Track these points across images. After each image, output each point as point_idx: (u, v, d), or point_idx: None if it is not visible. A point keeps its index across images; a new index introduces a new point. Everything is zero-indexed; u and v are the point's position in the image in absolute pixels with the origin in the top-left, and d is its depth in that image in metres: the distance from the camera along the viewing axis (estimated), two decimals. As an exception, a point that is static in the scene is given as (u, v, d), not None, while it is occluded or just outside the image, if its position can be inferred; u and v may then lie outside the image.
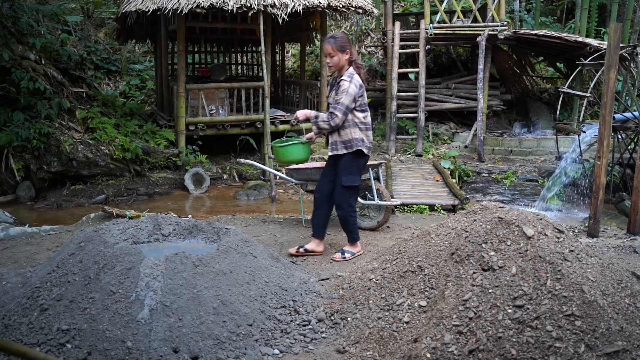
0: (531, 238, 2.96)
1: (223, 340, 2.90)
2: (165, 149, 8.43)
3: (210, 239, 3.82)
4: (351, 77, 4.18)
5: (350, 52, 4.21)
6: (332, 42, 4.16)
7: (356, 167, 4.32)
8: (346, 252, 4.46)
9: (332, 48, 4.15)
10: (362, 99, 4.24)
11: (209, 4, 7.53)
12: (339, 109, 4.14)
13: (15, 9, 7.98)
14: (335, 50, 4.16)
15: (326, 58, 4.27)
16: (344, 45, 4.16)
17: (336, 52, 4.16)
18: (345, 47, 4.17)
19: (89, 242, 3.32)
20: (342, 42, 4.17)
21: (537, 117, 10.75)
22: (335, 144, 4.28)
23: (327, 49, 4.18)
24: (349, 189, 4.33)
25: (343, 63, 4.21)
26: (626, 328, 2.55)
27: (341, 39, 4.19)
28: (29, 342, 2.80)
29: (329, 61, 4.22)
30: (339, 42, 4.16)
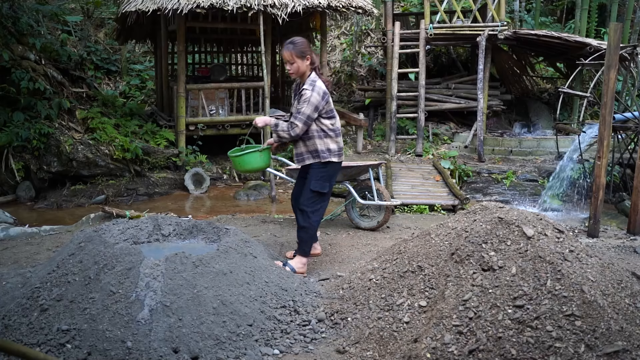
0: (531, 238, 2.96)
1: (223, 341, 2.90)
2: (165, 149, 8.43)
3: (210, 239, 3.82)
4: (313, 85, 3.94)
5: (311, 57, 3.97)
6: (291, 48, 3.91)
7: (326, 174, 4.08)
8: (288, 265, 4.07)
9: (291, 54, 3.91)
10: (328, 105, 4.02)
11: (209, 4, 7.53)
12: (299, 118, 3.92)
13: (15, 9, 7.98)
14: (294, 57, 3.92)
15: (285, 65, 4.03)
16: (303, 51, 3.92)
17: (295, 59, 3.93)
18: (305, 53, 3.93)
19: (89, 242, 3.33)
20: (302, 48, 3.92)
21: (537, 117, 10.75)
22: (302, 155, 4.08)
23: (285, 56, 3.94)
24: (317, 195, 4.08)
25: (304, 69, 3.98)
26: (626, 328, 2.55)
27: (300, 45, 3.94)
28: (29, 342, 2.80)
29: (289, 68, 3.98)
30: (298, 47, 3.92)
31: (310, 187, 4.06)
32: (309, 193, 4.08)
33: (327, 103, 4.00)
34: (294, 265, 4.08)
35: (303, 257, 4.16)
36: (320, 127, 4.02)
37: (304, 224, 4.13)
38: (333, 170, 4.14)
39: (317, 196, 4.10)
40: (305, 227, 4.13)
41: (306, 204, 4.10)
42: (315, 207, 4.11)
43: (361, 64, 12.64)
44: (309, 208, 4.09)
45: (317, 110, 3.94)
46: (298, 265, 4.10)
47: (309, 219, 4.10)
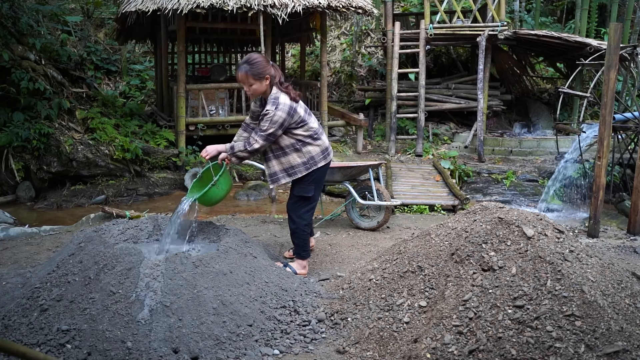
0: (531, 238, 2.96)
1: (223, 341, 2.90)
2: (165, 149, 8.43)
3: (210, 239, 3.82)
4: (276, 104, 3.65)
5: (269, 76, 3.67)
6: (247, 69, 3.62)
7: (309, 180, 3.90)
8: (289, 267, 4.05)
9: (246, 76, 3.64)
10: (296, 116, 3.75)
11: (209, 4, 7.53)
12: (260, 135, 3.67)
13: (15, 9, 7.98)
14: (250, 79, 3.65)
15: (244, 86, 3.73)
16: (260, 72, 3.63)
17: (252, 81, 3.66)
18: (263, 74, 3.63)
19: (89, 242, 3.33)
20: (259, 69, 3.63)
21: (537, 117, 10.75)
22: (276, 174, 3.88)
23: (240, 78, 3.66)
24: (301, 199, 3.94)
25: (263, 89, 3.71)
26: (626, 328, 2.55)
27: (257, 65, 3.63)
28: (29, 343, 2.80)
29: (247, 90, 3.72)
30: (254, 69, 3.62)
31: (293, 192, 3.96)
32: (293, 197, 3.98)
33: (292, 117, 3.72)
34: (295, 268, 4.06)
35: (302, 260, 4.11)
36: (295, 140, 3.79)
37: (292, 228, 4.04)
38: (319, 174, 3.96)
39: (301, 200, 3.97)
40: (295, 231, 4.03)
41: (291, 208, 4.00)
42: (300, 212, 3.99)
43: (361, 64, 12.64)
44: (294, 212, 3.99)
45: (282, 127, 3.69)
46: (299, 268, 4.08)
47: (295, 223, 4.00)
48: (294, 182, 3.93)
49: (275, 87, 3.72)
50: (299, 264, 4.10)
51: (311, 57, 12.95)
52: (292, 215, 4.00)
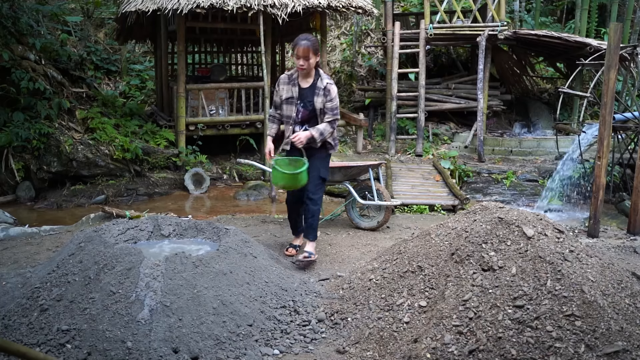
0: (531, 238, 2.96)
1: (223, 341, 2.90)
2: (165, 149, 8.43)
3: (210, 239, 3.82)
4: (331, 80, 4.25)
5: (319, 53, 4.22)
6: (309, 44, 4.07)
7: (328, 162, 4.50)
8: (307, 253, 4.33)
9: (309, 50, 4.07)
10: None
11: (209, 4, 7.52)
12: (335, 113, 4.21)
13: (15, 9, 7.98)
14: (311, 53, 4.09)
15: (298, 60, 4.11)
16: (317, 48, 4.15)
17: (311, 55, 4.09)
18: (318, 50, 4.17)
19: (89, 242, 3.33)
20: (316, 45, 4.14)
21: (537, 117, 10.75)
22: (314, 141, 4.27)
23: (301, 51, 4.07)
24: (323, 181, 4.38)
25: (314, 66, 4.19)
26: (626, 328, 2.55)
27: (314, 41, 4.16)
28: (29, 342, 2.80)
29: (303, 64, 4.10)
30: (314, 44, 4.12)
31: (320, 175, 4.30)
32: (317, 180, 4.30)
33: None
34: (312, 250, 4.33)
35: (314, 241, 4.40)
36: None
37: (315, 210, 4.33)
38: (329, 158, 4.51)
39: (322, 182, 4.39)
40: (316, 213, 4.34)
41: (314, 191, 4.31)
42: (320, 194, 4.41)
43: (361, 64, 12.64)
44: (316, 195, 4.34)
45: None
46: (313, 250, 4.36)
47: (317, 204, 4.34)
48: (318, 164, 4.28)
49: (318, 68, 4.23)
50: (312, 246, 4.37)
51: (311, 57, 12.92)
52: (315, 198, 4.32)
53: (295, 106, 4.24)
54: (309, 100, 4.21)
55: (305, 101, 4.22)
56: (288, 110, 4.27)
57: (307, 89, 4.22)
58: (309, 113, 4.23)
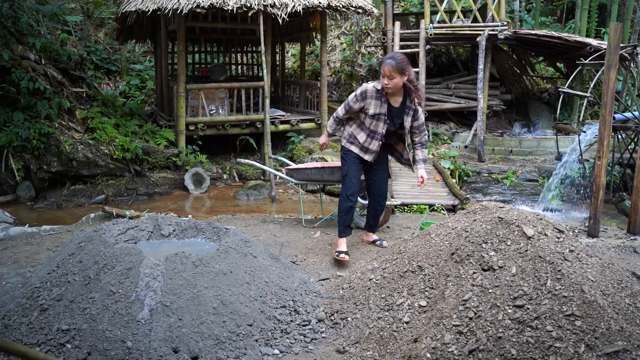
0: (531, 238, 2.96)
1: (223, 340, 2.90)
2: (165, 149, 8.43)
3: (210, 239, 3.82)
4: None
5: (409, 74, 4.16)
6: (393, 64, 4.08)
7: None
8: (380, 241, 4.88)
9: (392, 70, 4.08)
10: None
11: (209, 4, 7.53)
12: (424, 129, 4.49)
13: (15, 9, 7.98)
14: (395, 73, 4.09)
15: (383, 79, 4.14)
16: (404, 68, 4.10)
17: (395, 75, 4.10)
18: (405, 70, 4.11)
19: (89, 242, 3.33)
20: (403, 65, 4.10)
21: (537, 117, 10.75)
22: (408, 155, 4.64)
23: (386, 71, 4.11)
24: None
25: (401, 85, 4.18)
26: (626, 328, 2.55)
27: (401, 61, 4.11)
28: (29, 342, 2.80)
29: (387, 83, 4.12)
30: (399, 64, 4.09)
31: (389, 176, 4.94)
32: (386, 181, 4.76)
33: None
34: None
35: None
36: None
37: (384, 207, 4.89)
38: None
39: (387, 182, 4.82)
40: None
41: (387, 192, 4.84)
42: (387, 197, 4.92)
43: (361, 64, 12.64)
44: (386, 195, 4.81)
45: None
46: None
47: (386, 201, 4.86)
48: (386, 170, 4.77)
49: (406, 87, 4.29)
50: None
51: (311, 56, 12.95)
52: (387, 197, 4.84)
53: (384, 123, 4.29)
54: (398, 120, 4.32)
55: (393, 120, 4.31)
56: (375, 125, 4.31)
57: (397, 109, 4.30)
58: (394, 130, 4.40)
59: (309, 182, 5.56)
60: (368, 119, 4.29)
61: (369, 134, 4.34)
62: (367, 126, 4.33)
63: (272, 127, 8.96)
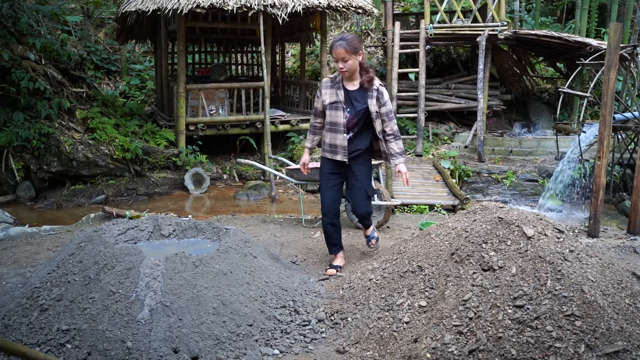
0: (531, 238, 2.96)
1: (223, 341, 2.90)
2: (165, 149, 8.43)
3: (210, 239, 3.82)
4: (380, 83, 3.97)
5: (362, 53, 3.84)
6: (345, 44, 3.75)
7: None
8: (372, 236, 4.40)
9: (346, 51, 3.75)
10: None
11: (209, 4, 7.53)
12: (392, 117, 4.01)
13: (15, 9, 7.98)
14: (349, 53, 3.76)
15: (337, 64, 3.80)
16: (356, 46, 3.79)
17: (350, 55, 3.76)
18: (358, 49, 3.80)
19: (89, 242, 3.33)
20: (355, 44, 3.79)
21: (537, 117, 10.75)
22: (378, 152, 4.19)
23: (339, 53, 3.75)
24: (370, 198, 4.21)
25: (356, 67, 3.84)
26: (626, 328, 2.55)
27: (352, 40, 3.81)
28: (29, 342, 2.80)
29: (343, 66, 3.77)
30: (351, 43, 3.77)
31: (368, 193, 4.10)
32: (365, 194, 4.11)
33: None
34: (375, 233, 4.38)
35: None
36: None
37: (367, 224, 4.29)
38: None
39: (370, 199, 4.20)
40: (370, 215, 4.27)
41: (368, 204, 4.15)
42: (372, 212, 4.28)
43: (366, 66, 12.61)
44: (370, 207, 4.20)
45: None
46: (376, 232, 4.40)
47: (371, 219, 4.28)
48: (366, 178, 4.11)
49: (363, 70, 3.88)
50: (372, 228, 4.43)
51: (311, 57, 12.95)
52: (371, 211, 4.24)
53: (343, 111, 3.90)
54: (360, 105, 3.89)
55: (353, 105, 3.90)
56: (334, 116, 3.93)
57: (355, 92, 3.90)
58: (356, 119, 3.91)
59: (309, 182, 5.56)
60: (327, 112, 3.97)
61: (330, 128, 3.98)
62: (328, 121, 3.98)
63: (272, 127, 8.96)
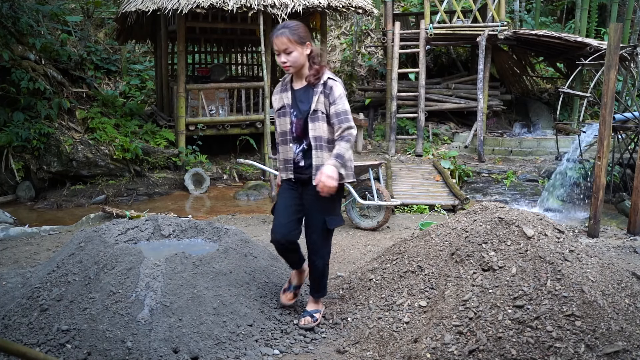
0: (531, 238, 2.96)
1: (223, 341, 2.90)
2: (165, 149, 8.43)
3: (210, 239, 3.82)
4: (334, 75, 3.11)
5: (310, 45, 3.02)
6: (287, 33, 2.94)
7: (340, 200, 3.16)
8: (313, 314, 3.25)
9: (288, 40, 2.93)
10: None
11: (209, 4, 7.53)
12: (346, 118, 3.01)
13: (15, 9, 7.98)
14: (292, 43, 2.94)
15: (279, 57, 2.99)
16: (302, 36, 2.97)
17: (294, 46, 2.95)
18: (305, 39, 2.98)
19: (89, 242, 3.33)
20: (300, 32, 2.97)
21: (537, 117, 10.75)
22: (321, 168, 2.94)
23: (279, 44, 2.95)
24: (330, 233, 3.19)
25: (303, 60, 3.00)
26: (626, 328, 2.55)
27: (297, 28, 2.98)
28: (29, 342, 2.80)
29: (285, 60, 2.96)
30: (295, 32, 2.96)
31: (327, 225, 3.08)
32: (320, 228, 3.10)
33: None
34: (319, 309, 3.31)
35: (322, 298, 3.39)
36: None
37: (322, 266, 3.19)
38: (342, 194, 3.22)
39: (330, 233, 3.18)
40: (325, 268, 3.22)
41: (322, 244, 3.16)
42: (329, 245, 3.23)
43: (361, 64, 12.63)
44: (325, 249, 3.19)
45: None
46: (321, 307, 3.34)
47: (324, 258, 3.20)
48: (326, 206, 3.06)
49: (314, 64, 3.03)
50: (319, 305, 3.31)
51: (311, 57, 12.93)
52: (323, 252, 3.16)
53: (289, 116, 3.08)
54: (302, 104, 3.04)
55: (299, 107, 3.06)
56: (282, 124, 3.10)
57: (300, 91, 3.08)
58: (304, 123, 3.03)
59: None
60: (276, 121, 3.15)
61: (281, 140, 3.14)
62: (278, 131, 3.15)
63: (272, 127, 8.95)
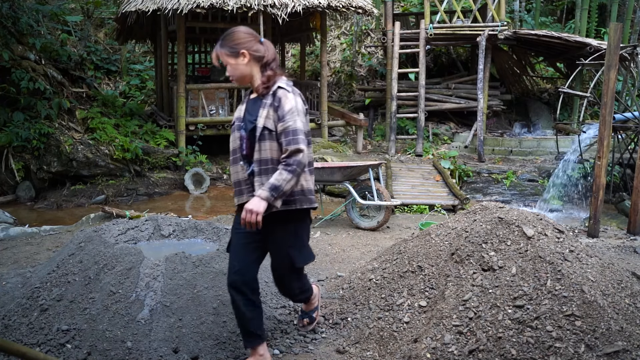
0: (531, 238, 2.96)
1: (223, 341, 2.90)
2: (165, 149, 8.43)
3: (210, 239, 3.82)
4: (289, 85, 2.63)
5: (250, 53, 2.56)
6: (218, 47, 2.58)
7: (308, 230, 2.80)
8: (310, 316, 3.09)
9: (220, 55, 2.59)
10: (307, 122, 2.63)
11: (209, 4, 7.53)
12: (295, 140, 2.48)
13: (15, 9, 7.98)
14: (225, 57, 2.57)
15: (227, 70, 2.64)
16: (234, 45, 2.55)
17: (226, 59, 2.57)
18: (238, 47, 2.55)
19: (89, 242, 3.33)
20: (232, 42, 2.55)
21: (537, 117, 10.75)
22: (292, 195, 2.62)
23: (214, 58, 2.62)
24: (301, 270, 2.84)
25: (247, 72, 2.59)
26: (626, 328, 2.55)
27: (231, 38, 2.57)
28: (29, 342, 2.80)
29: (229, 72, 2.62)
30: (227, 43, 2.56)
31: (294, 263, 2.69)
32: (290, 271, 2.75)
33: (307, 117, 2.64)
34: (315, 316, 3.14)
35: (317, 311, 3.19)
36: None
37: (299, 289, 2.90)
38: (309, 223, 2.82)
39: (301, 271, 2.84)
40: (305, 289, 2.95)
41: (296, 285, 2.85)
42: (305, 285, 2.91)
43: (361, 64, 12.64)
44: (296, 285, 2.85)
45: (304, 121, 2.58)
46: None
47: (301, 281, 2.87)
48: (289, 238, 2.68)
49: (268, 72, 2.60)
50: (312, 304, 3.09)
51: (311, 57, 12.95)
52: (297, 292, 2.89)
53: (239, 130, 2.71)
54: (251, 117, 2.64)
55: (246, 121, 2.66)
56: (233, 139, 2.75)
57: (250, 102, 2.71)
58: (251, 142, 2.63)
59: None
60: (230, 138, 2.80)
61: (231, 159, 2.78)
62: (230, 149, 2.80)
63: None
